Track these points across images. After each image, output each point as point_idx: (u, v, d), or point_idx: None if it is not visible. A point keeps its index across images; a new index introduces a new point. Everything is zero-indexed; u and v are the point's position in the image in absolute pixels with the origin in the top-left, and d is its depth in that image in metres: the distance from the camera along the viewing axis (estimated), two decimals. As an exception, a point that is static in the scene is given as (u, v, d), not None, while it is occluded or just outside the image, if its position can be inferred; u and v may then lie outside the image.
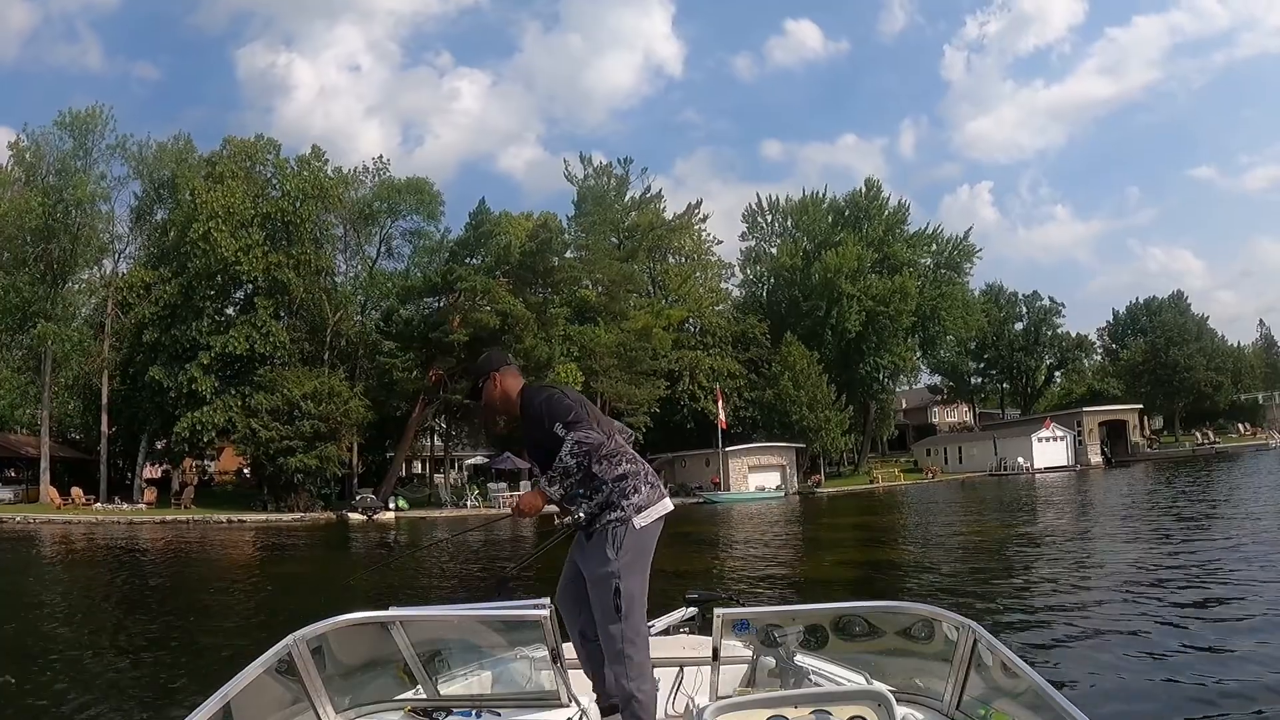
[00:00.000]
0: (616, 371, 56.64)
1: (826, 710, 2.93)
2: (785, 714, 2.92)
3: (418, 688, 3.55)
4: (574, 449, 3.70)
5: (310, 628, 3.17)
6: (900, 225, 75.97)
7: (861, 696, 3.02)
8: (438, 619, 3.75)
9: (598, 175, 72.97)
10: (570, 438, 3.72)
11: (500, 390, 4.16)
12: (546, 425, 3.83)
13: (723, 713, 2.97)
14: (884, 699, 2.94)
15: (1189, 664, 8.35)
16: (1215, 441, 77.16)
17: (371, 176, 59.99)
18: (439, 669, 3.63)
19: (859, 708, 2.93)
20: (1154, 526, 21.94)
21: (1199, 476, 41.90)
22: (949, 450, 76.71)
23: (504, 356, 4.36)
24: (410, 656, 3.49)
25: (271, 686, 3.11)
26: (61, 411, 55.12)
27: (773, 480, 61.43)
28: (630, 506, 3.81)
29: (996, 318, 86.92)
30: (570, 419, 3.78)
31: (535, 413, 3.93)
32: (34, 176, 49.43)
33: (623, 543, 3.76)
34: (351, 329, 56.71)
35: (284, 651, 3.10)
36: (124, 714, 7.96)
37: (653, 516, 3.86)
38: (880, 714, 2.91)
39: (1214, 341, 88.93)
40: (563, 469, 3.73)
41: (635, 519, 3.80)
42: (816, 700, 3.00)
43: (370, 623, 3.45)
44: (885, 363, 71.92)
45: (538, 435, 3.89)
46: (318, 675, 3.24)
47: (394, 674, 3.62)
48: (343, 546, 31.45)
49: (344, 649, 3.43)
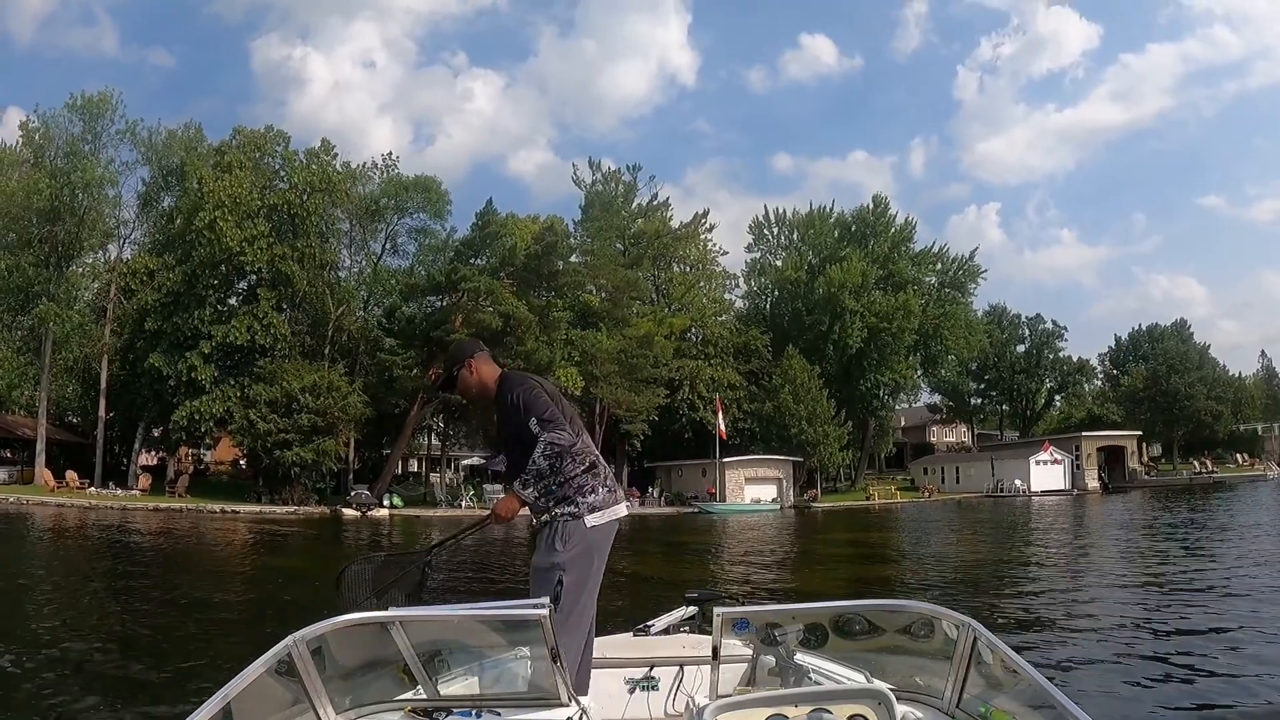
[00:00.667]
0: (617, 378, 56.50)
1: (827, 709, 2.94)
2: (785, 712, 2.94)
3: (418, 688, 3.52)
4: (547, 450, 3.82)
5: (310, 628, 3.14)
6: (906, 243, 75.88)
7: (861, 695, 3.04)
8: (437, 619, 3.69)
9: (605, 181, 72.87)
10: (544, 439, 3.83)
11: (477, 377, 4.25)
12: (522, 417, 3.92)
13: (723, 711, 2.98)
14: (884, 697, 2.96)
15: (1187, 665, 8.52)
16: (1213, 471, 77.23)
17: (380, 173, 60.08)
18: (439, 669, 3.59)
19: (859, 706, 2.95)
20: (1150, 547, 21.94)
21: (1197, 505, 41.82)
22: (946, 470, 76.62)
23: (476, 343, 4.47)
24: (410, 656, 3.45)
25: (271, 687, 3.09)
26: (60, 395, 55.04)
27: (769, 493, 61.37)
28: (584, 505, 3.93)
29: (998, 339, 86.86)
30: (546, 416, 3.89)
31: (512, 402, 4.00)
32: (42, 158, 49.42)
33: (570, 538, 3.88)
34: (353, 324, 56.63)
35: (284, 652, 3.07)
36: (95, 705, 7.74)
37: (606, 518, 3.98)
38: (880, 712, 2.93)
39: (1215, 371, 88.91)
40: (536, 471, 3.85)
41: (588, 517, 3.92)
42: (817, 699, 3.01)
43: (370, 623, 3.41)
44: (886, 380, 71.73)
45: (512, 426, 3.99)
46: (318, 675, 3.22)
47: (394, 674, 3.58)
48: (334, 542, 31.27)
49: (344, 649, 3.40)
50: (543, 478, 3.87)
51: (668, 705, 4.09)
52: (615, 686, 4.22)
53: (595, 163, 74.15)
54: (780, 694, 3.14)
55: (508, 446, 4.11)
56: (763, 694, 3.21)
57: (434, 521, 43.39)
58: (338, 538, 33.05)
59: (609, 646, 4.48)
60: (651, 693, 4.23)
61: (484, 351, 4.35)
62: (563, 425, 3.89)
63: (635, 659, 4.35)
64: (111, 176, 51.13)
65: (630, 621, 5.09)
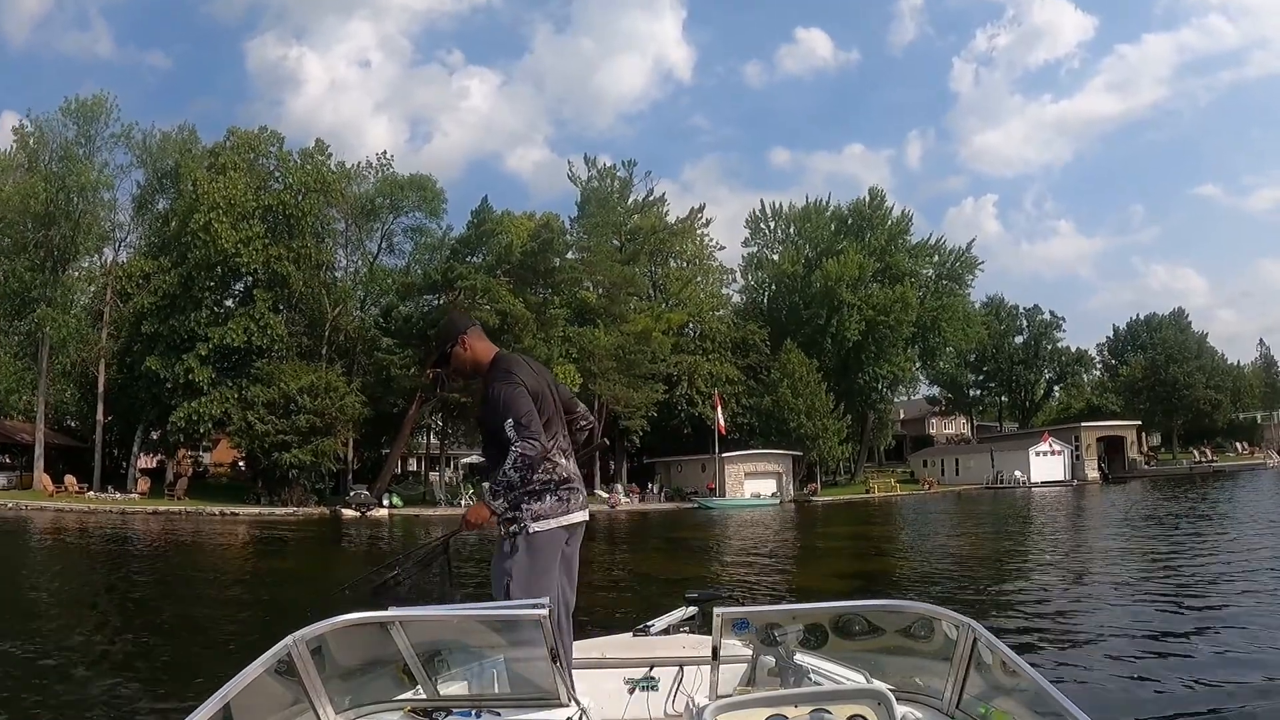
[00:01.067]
0: (615, 374, 56.42)
1: (826, 709, 2.95)
2: (785, 713, 2.95)
3: (418, 688, 3.53)
4: (517, 462, 3.78)
5: (310, 628, 3.13)
6: (903, 235, 75.76)
7: (861, 695, 3.04)
8: (437, 619, 3.66)
9: (601, 177, 72.84)
10: (515, 449, 3.79)
11: (471, 353, 4.19)
12: (499, 418, 3.86)
13: (723, 712, 2.99)
14: (884, 697, 2.96)
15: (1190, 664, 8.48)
16: (1213, 460, 77.11)
17: (375, 172, 59.99)
18: (439, 669, 3.60)
19: (859, 706, 2.96)
20: (1151, 539, 21.93)
21: (1198, 494, 41.82)
22: (946, 462, 76.66)
23: (467, 318, 4.40)
24: (410, 656, 3.46)
25: (271, 687, 3.09)
26: (59, 399, 54.97)
27: (768, 487, 61.36)
28: (529, 511, 3.93)
29: (996, 330, 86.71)
30: (523, 420, 3.83)
31: (494, 395, 3.96)
32: (36, 162, 49.29)
33: (516, 543, 3.91)
34: (350, 324, 56.47)
35: (284, 652, 3.07)
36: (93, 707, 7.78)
37: (551, 525, 3.96)
38: (880, 713, 2.93)
39: (1214, 360, 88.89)
40: (506, 482, 3.82)
41: (532, 524, 3.92)
42: (816, 699, 3.02)
43: (370, 623, 3.40)
44: (884, 372, 71.54)
45: (492, 418, 3.94)
46: (317, 675, 3.23)
47: (394, 674, 3.60)
48: (331, 543, 31.23)
49: (344, 649, 3.41)
50: (513, 489, 3.86)
51: (668, 705, 4.09)
52: (615, 686, 4.21)
53: (591, 159, 74.25)
54: (780, 694, 3.15)
55: (486, 442, 4.13)
56: (763, 694, 3.22)
57: (434, 520, 43.30)
58: (336, 539, 33.03)
59: (609, 646, 4.50)
60: (651, 693, 4.22)
61: (476, 325, 4.29)
62: (536, 433, 3.84)
63: (635, 659, 4.35)
64: (106, 180, 51.03)
65: (630, 621, 5.08)
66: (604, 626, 4.75)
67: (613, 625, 5.14)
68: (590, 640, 4.57)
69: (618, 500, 55.40)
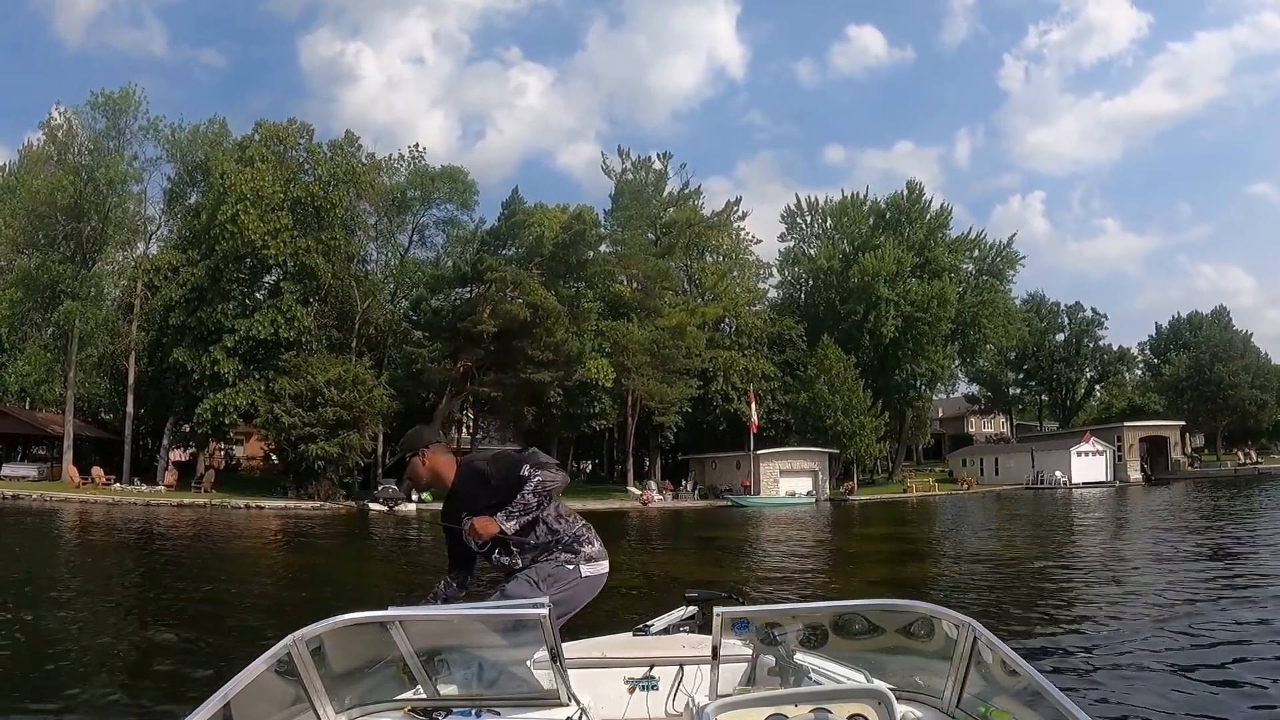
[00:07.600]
0: (649, 369, 55.92)
1: (826, 708, 2.98)
2: (785, 712, 2.99)
3: (418, 688, 3.55)
4: (538, 487, 4.03)
5: (310, 628, 3.16)
6: (942, 229, 74.49)
7: (861, 695, 3.07)
8: (437, 619, 3.69)
9: (635, 170, 72.05)
10: (536, 477, 4.04)
11: (428, 467, 4.38)
12: (513, 476, 4.07)
13: (723, 711, 3.03)
14: (884, 697, 2.99)
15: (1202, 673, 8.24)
16: (1258, 462, 75.06)
17: (407, 164, 59.70)
18: (439, 669, 3.59)
19: (859, 706, 2.99)
20: (1208, 550, 20.61)
21: (1244, 497, 40.38)
22: (985, 461, 75.24)
23: (434, 433, 4.70)
24: (410, 656, 3.46)
25: (271, 686, 3.11)
26: (91, 391, 55.31)
27: (804, 485, 60.32)
28: (583, 554, 4.22)
29: (1037, 328, 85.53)
30: (540, 461, 4.13)
31: (479, 471, 4.20)
32: (66, 155, 49.34)
33: (559, 580, 4.13)
34: (380, 317, 56.25)
35: (284, 651, 3.10)
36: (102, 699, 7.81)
37: (598, 570, 4.26)
38: (880, 712, 2.96)
39: (1259, 359, 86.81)
40: (523, 505, 4.03)
41: (583, 566, 4.20)
42: (816, 698, 3.05)
43: (370, 622, 3.39)
44: (922, 370, 70.46)
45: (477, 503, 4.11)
46: (318, 675, 3.26)
47: (394, 674, 3.61)
48: (349, 539, 30.47)
49: (344, 649, 3.41)
50: (529, 513, 4.05)
51: (668, 705, 4.09)
52: (615, 686, 4.18)
53: (625, 151, 73.36)
54: (780, 694, 3.17)
55: (465, 515, 4.19)
56: (763, 694, 3.23)
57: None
58: (356, 534, 32.29)
59: (609, 646, 4.49)
60: (651, 692, 4.19)
61: (439, 441, 4.48)
62: (556, 467, 4.15)
63: (635, 659, 4.31)
64: (135, 173, 51.13)
65: (636, 622, 5.10)
66: (605, 626, 4.84)
67: (614, 625, 5.06)
68: (590, 640, 4.53)
69: (650, 497, 54.68)
